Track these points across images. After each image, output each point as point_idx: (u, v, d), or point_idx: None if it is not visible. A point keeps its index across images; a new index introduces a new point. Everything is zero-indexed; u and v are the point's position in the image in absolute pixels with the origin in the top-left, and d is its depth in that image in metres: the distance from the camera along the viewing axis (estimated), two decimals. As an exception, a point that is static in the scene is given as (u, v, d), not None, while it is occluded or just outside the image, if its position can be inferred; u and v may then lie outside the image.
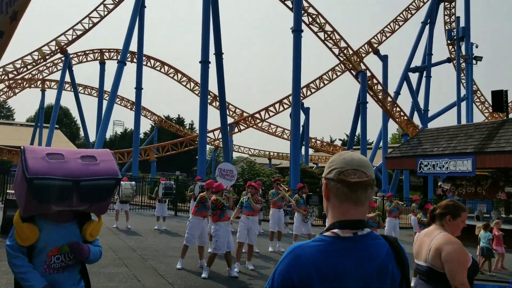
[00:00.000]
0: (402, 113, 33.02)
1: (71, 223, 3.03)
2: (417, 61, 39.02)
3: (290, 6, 29.43)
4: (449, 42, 39.72)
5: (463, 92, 38.22)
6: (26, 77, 40.95)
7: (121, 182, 15.36)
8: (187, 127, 65.15)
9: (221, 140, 34.11)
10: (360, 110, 29.86)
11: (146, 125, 71.10)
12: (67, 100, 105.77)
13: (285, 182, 27.42)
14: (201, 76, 25.32)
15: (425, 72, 38.11)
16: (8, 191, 14.49)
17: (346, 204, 1.59)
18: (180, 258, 9.14)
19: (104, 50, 41.03)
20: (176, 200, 20.97)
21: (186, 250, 9.16)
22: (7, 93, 42.18)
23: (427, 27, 37.72)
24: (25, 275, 2.85)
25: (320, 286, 1.47)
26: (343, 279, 1.49)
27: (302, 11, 27.52)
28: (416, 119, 37.70)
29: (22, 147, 2.84)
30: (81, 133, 54.31)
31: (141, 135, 65.72)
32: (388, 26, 38.93)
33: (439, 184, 18.14)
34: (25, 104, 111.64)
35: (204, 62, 25.08)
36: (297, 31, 24.99)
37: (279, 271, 1.54)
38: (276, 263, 10.16)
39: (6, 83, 40.01)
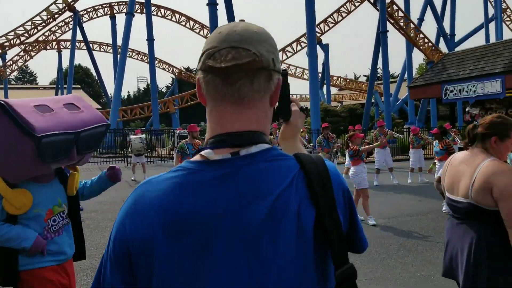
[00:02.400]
0: (426, 40, 31.19)
1: (54, 180, 2.76)
2: (440, -17, 36.44)
3: None
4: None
5: (491, 12, 35.76)
6: (40, 39, 40.63)
7: (131, 137, 15.42)
8: (207, 76, 64.17)
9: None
10: (381, 40, 28.25)
11: (168, 78, 70.70)
12: (87, 59, 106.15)
13: (306, 123, 26.76)
14: (210, 20, 24.21)
15: (450, -7, 35.61)
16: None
17: (223, 106, 0.96)
18: None
19: (113, 4, 39.88)
20: (196, 148, 20.76)
21: None
22: (24, 57, 42.12)
23: None
24: (10, 233, 2.49)
25: (168, 243, 0.88)
26: (208, 229, 0.88)
27: None
28: (443, 46, 35.77)
29: (2, 102, 2.35)
30: (103, 91, 54.36)
31: (164, 89, 65.60)
32: None
33: (466, 109, 17.11)
34: (46, 67, 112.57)
35: (212, 4, 23.89)
36: (307, -39, 23.33)
37: (115, 223, 0.97)
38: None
39: (22, 46, 39.84)
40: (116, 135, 25.71)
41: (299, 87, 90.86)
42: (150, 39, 31.82)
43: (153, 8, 36.35)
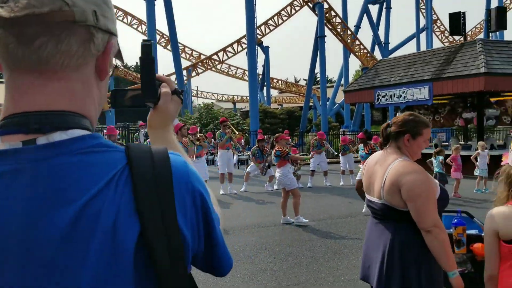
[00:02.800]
0: (362, 47, 32.19)
1: None
2: (377, -8, 37.77)
3: None
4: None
5: (423, 22, 37.63)
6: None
7: None
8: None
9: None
10: (319, 45, 28.76)
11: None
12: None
13: (246, 124, 26.68)
14: (147, 15, 23.57)
15: (385, 3, 36.96)
16: None
17: (19, 75, 0.69)
18: None
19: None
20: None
21: None
22: None
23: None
24: None
25: None
26: None
27: None
28: (377, 53, 37.10)
29: None
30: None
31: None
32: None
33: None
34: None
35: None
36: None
37: None
38: (227, 207, 9.62)
39: None
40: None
41: (239, 88, 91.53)
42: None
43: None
